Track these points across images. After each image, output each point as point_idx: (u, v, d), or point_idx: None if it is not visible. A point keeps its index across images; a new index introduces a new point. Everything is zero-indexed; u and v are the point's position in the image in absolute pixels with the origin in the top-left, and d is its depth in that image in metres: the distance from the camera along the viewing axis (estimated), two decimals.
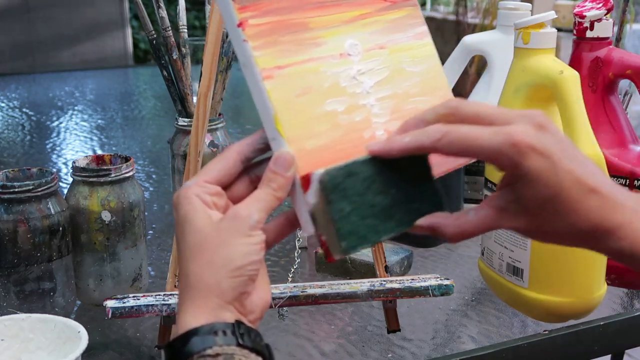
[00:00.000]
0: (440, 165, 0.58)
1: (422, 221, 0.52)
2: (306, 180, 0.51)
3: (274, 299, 0.69)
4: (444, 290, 0.74)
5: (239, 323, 0.49)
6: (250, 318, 0.50)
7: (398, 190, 0.52)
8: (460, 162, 0.61)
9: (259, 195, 0.51)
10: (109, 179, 0.82)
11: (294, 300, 0.70)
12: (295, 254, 0.82)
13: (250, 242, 0.49)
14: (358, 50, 0.59)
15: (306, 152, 0.52)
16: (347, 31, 0.59)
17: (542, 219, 0.49)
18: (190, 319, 0.48)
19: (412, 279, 0.75)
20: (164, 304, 0.70)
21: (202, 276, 0.48)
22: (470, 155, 0.49)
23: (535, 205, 0.48)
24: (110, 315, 0.69)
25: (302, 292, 0.70)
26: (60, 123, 1.84)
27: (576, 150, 0.49)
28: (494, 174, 0.85)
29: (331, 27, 0.58)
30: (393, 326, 0.78)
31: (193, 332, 0.47)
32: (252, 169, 0.54)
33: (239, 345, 0.47)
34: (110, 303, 0.69)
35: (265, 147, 0.54)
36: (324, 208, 0.50)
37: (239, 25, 0.53)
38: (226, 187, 0.52)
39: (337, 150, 0.54)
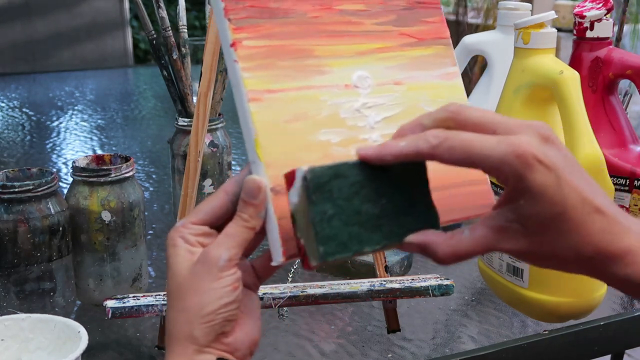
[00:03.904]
0: (449, 213, 0.55)
1: (413, 238, 0.48)
2: (290, 177, 0.48)
3: (274, 299, 0.69)
4: (444, 290, 0.74)
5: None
6: (237, 355, 0.50)
7: (389, 201, 0.48)
8: (477, 212, 0.57)
9: (230, 231, 0.50)
10: (109, 179, 0.82)
11: (294, 300, 0.70)
12: None
13: (221, 285, 0.48)
14: (368, 83, 0.57)
15: None
16: (359, 63, 0.57)
17: (543, 240, 0.45)
18: None
19: (412, 279, 0.75)
20: (164, 304, 0.70)
21: (177, 323, 0.49)
22: (470, 165, 0.45)
23: (538, 224, 0.45)
24: (110, 315, 0.69)
25: (302, 292, 0.70)
26: (60, 123, 1.84)
27: (580, 167, 0.46)
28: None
29: (341, 57, 0.56)
30: (393, 326, 0.78)
31: None
32: None
33: None
34: (110, 303, 0.69)
35: None
36: (305, 208, 0.47)
37: (232, 45, 0.52)
38: (220, 226, 0.51)
39: None
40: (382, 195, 0.48)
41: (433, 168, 0.55)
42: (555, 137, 0.45)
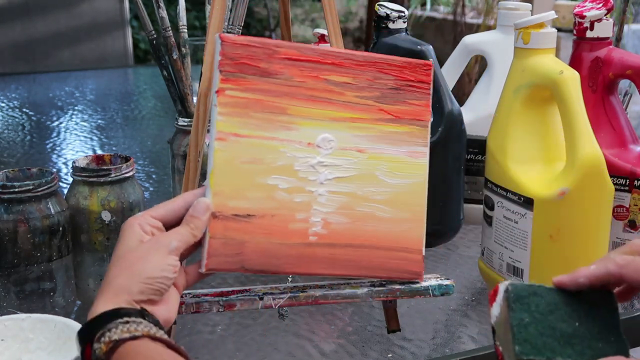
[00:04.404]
0: (377, 270, 0.67)
1: None
2: (494, 294, 0.56)
3: (274, 299, 0.69)
4: (444, 290, 0.74)
5: (143, 309, 0.56)
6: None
7: (581, 325, 0.54)
8: (405, 276, 0.69)
9: (179, 230, 0.60)
10: (109, 179, 0.82)
11: (294, 300, 0.70)
12: None
13: (166, 262, 0.57)
14: (331, 145, 0.65)
15: (227, 208, 0.61)
16: (328, 127, 0.65)
17: None
18: (101, 307, 0.55)
19: None
20: None
21: (118, 278, 0.56)
22: None
23: None
24: None
25: (302, 292, 0.70)
26: (60, 123, 1.84)
27: None
28: (494, 174, 0.85)
29: (312, 118, 0.65)
30: (393, 326, 0.78)
31: (103, 313, 0.54)
32: None
33: (144, 318, 0.54)
34: None
35: None
36: (505, 317, 0.54)
37: (217, 92, 0.62)
38: (169, 227, 0.61)
39: (260, 217, 0.63)
40: (575, 319, 0.54)
41: (372, 227, 0.66)
42: None
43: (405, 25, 0.98)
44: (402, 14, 0.97)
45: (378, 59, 0.68)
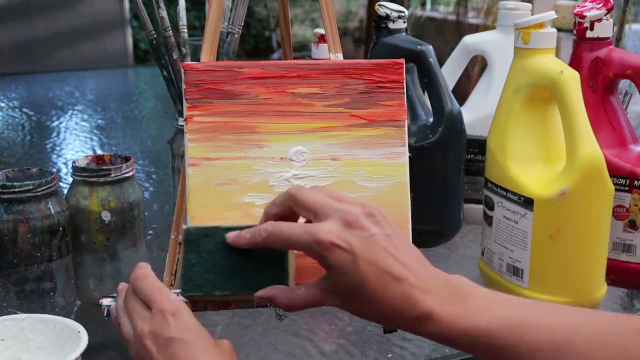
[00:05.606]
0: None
1: (261, 292, 0.58)
2: None
3: None
4: None
5: None
6: None
7: (247, 260, 0.59)
8: None
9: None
10: (109, 179, 0.82)
11: None
12: None
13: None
14: (304, 157, 0.67)
15: None
16: (299, 139, 0.67)
17: (354, 303, 0.55)
18: None
19: None
20: None
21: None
22: (290, 248, 0.58)
23: (345, 292, 0.54)
24: (106, 313, 0.68)
25: None
26: (60, 123, 1.84)
27: (394, 242, 0.54)
28: (494, 174, 0.85)
29: (282, 133, 0.66)
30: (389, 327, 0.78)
31: None
32: None
33: None
34: (106, 301, 0.69)
35: None
36: (182, 255, 0.60)
37: (185, 119, 0.65)
38: None
39: None
40: (241, 255, 0.59)
41: None
42: (363, 220, 0.54)
43: (405, 25, 0.98)
44: (402, 14, 0.97)
45: (345, 65, 0.68)
